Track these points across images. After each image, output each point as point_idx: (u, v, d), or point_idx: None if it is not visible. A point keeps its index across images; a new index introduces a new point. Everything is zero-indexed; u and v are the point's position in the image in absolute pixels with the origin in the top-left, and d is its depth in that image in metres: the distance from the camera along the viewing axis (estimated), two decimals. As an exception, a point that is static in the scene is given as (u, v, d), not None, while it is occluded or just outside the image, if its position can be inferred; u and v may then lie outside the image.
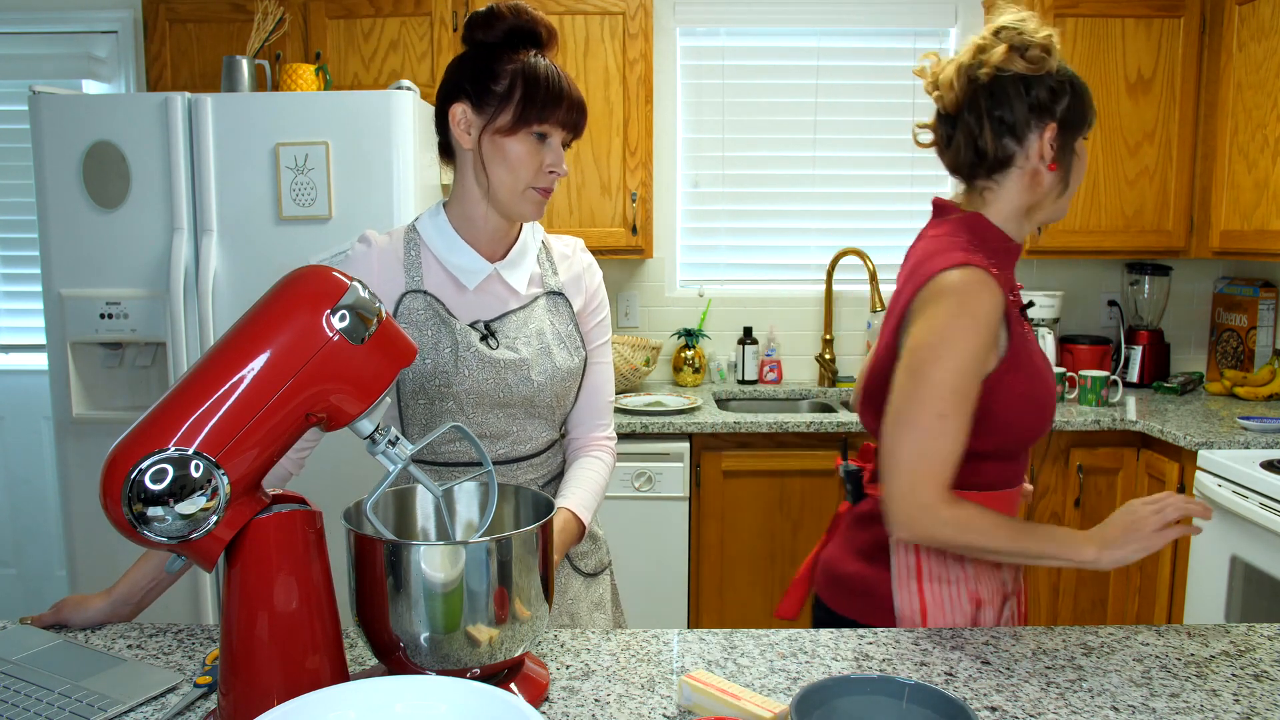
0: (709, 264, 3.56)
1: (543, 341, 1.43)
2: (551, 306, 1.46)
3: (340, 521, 1.04)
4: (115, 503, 0.88)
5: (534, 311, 1.44)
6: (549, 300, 1.46)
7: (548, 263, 1.49)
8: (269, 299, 0.96)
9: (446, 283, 1.41)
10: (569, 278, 1.50)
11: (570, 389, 1.48)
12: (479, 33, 1.37)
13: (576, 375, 1.47)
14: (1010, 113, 1.30)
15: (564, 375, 1.44)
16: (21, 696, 1.06)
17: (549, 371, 1.42)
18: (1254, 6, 2.85)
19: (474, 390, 1.38)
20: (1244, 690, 1.09)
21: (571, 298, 1.49)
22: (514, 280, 1.43)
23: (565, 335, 1.46)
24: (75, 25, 3.35)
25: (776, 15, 3.42)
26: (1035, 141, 1.30)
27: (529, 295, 1.45)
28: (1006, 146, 1.31)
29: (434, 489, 1.07)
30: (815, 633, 1.25)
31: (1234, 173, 2.94)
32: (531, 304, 1.45)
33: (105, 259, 2.60)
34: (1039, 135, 1.30)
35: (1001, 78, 1.29)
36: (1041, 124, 1.30)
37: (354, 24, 3.00)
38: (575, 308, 1.49)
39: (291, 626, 0.96)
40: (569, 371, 1.45)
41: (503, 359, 1.39)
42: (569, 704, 1.06)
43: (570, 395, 1.49)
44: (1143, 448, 2.89)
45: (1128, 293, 3.48)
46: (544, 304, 1.46)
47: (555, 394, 1.44)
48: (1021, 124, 1.30)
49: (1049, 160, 1.31)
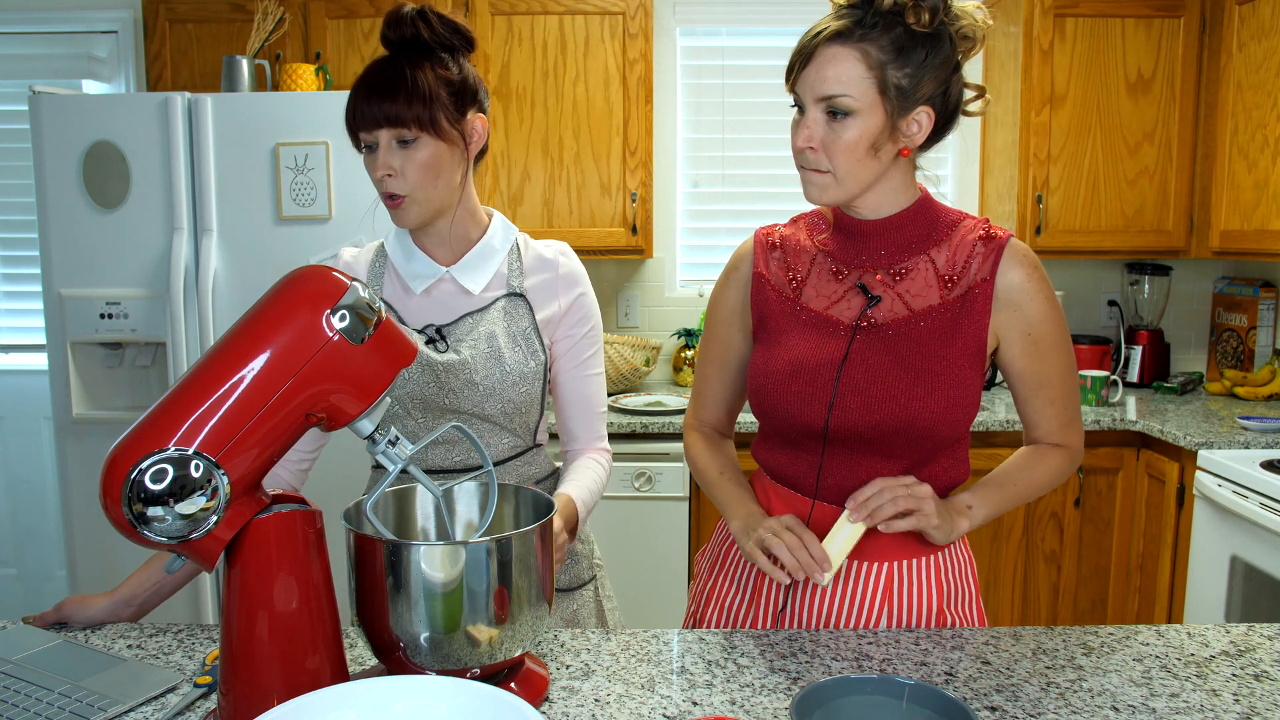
0: (709, 264, 3.56)
1: (492, 344, 1.40)
2: (509, 308, 1.43)
3: (340, 521, 1.04)
4: (115, 503, 0.88)
5: (488, 314, 1.42)
6: (508, 302, 1.43)
7: (517, 263, 1.46)
8: (269, 299, 0.96)
9: (400, 290, 1.43)
10: (537, 281, 1.46)
11: (529, 394, 1.43)
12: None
13: (531, 380, 1.43)
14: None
15: (515, 379, 1.40)
16: (21, 696, 1.05)
17: (496, 375, 1.39)
18: (1254, 6, 2.85)
19: (415, 395, 1.38)
20: (1244, 690, 1.09)
21: (535, 301, 1.45)
22: (469, 283, 1.42)
23: (520, 337, 1.42)
24: (75, 25, 3.34)
25: (776, 15, 3.41)
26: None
27: (486, 298, 1.43)
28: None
29: (434, 489, 1.07)
30: (815, 633, 1.24)
31: (1234, 173, 2.94)
32: (488, 306, 1.42)
33: (105, 259, 2.60)
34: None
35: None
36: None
37: (354, 24, 3.00)
38: (541, 313, 1.45)
39: (291, 626, 0.96)
40: (522, 375, 1.41)
41: (443, 362, 1.37)
42: (569, 704, 1.06)
43: (532, 401, 1.45)
44: (1143, 448, 2.89)
45: (1128, 293, 3.48)
46: (501, 305, 1.43)
47: (507, 398, 1.41)
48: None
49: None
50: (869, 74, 1.16)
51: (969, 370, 1.25)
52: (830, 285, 1.30)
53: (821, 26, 1.19)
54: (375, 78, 1.32)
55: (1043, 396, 1.31)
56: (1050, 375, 1.30)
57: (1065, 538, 2.96)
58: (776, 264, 1.35)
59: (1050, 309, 1.27)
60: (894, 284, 1.27)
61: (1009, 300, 1.26)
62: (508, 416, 1.42)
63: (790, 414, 1.28)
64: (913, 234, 1.28)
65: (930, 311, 1.25)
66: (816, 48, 1.18)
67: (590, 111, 3.09)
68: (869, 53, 1.16)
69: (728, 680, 1.11)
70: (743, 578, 1.38)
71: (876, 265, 1.28)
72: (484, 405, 1.40)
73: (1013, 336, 1.27)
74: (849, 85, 1.16)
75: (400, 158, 1.32)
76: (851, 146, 1.18)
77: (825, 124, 1.19)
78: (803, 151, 1.21)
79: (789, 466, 1.33)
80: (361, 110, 1.31)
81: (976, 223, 1.29)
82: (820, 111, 1.19)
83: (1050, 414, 1.32)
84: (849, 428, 1.25)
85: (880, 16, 1.16)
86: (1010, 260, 1.26)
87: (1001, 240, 1.27)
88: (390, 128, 1.31)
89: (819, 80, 1.18)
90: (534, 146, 3.11)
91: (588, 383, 1.49)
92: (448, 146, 1.34)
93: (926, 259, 1.27)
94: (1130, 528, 2.94)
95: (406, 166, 1.33)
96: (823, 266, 1.31)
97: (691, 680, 1.11)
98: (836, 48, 1.17)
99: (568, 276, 1.48)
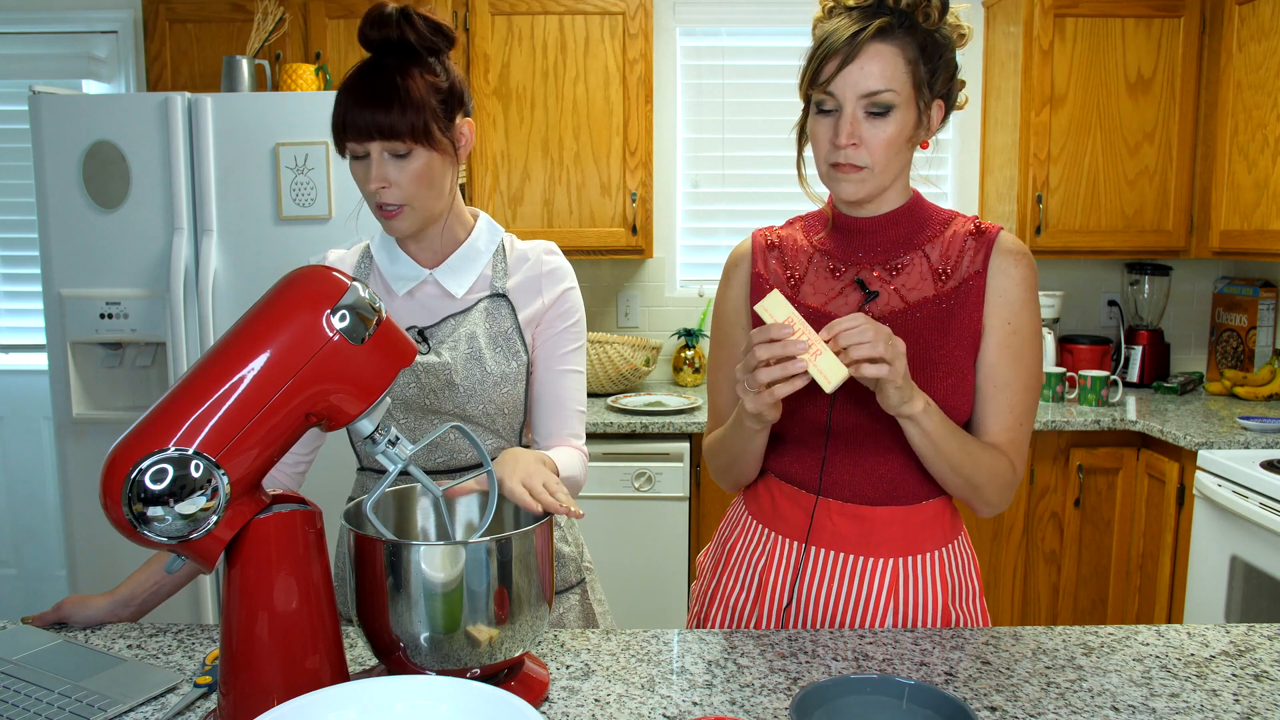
0: (709, 264, 3.56)
1: (473, 346, 1.38)
2: (491, 309, 1.42)
3: (340, 521, 1.04)
4: (115, 503, 0.88)
5: (470, 315, 1.41)
6: (490, 303, 1.42)
7: (501, 264, 1.45)
8: (269, 299, 0.96)
9: (383, 291, 1.42)
10: (520, 280, 1.44)
11: (509, 395, 1.42)
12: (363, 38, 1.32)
13: (513, 380, 1.41)
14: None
15: (496, 380, 1.39)
16: (21, 696, 1.05)
17: (476, 376, 1.38)
18: (1254, 6, 2.85)
19: (397, 396, 1.38)
20: (1244, 690, 1.09)
21: (517, 300, 1.43)
22: (451, 285, 1.42)
23: (502, 339, 1.41)
24: (75, 25, 3.34)
25: (776, 15, 3.41)
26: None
27: (469, 300, 1.42)
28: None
29: (434, 489, 1.07)
30: (815, 633, 1.25)
31: (1234, 173, 2.94)
32: (471, 308, 1.42)
33: (105, 259, 2.60)
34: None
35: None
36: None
37: (354, 24, 2.99)
38: (523, 314, 1.43)
39: (291, 626, 0.96)
40: (502, 376, 1.40)
41: (424, 364, 1.36)
42: (569, 704, 1.06)
43: (515, 403, 1.43)
44: (1143, 448, 2.89)
45: (1128, 293, 3.48)
46: (483, 307, 1.42)
47: (489, 399, 1.40)
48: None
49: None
50: (907, 69, 1.21)
51: (966, 361, 1.27)
52: (828, 282, 1.32)
53: (856, 26, 1.20)
54: (365, 86, 1.28)
55: (1004, 400, 1.28)
56: (1016, 380, 1.27)
57: (1065, 538, 2.96)
58: (775, 263, 1.37)
59: (1032, 302, 1.29)
60: (890, 279, 1.30)
61: (998, 289, 1.27)
62: (490, 418, 1.41)
63: (792, 411, 1.29)
64: (907, 230, 1.31)
65: (925, 304, 1.28)
66: (861, 46, 1.19)
67: (590, 111, 3.09)
68: (907, 48, 1.21)
69: (728, 680, 1.11)
70: (747, 576, 1.38)
71: (873, 262, 1.31)
72: (465, 406, 1.39)
73: (994, 324, 1.27)
74: (892, 80, 1.20)
75: (394, 169, 1.30)
76: (892, 140, 1.22)
77: (864, 121, 1.22)
78: (842, 149, 1.22)
79: (793, 464, 1.34)
80: (352, 120, 1.28)
81: (967, 219, 1.33)
82: (860, 109, 1.21)
83: (1005, 422, 1.28)
84: (851, 422, 1.27)
85: (905, 16, 1.21)
86: (1001, 251, 1.28)
87: (992, 234, 1.30)
88: (383, 140, 1.28)
89: (863, 77, 1.20)
90: (534, 146, 3.11)
91: (563, 378, 1.44)
92: (440, 155, 1.33)
93: (920, 254, 1.30)
94: (1130, 528, 2.94)
95: (400, 178, 1.30)
96: (820, 265, 1.34)
97: (691, 680, 1.11)
98: (879, 45, 1.20)
99: (552, 273, 1.45)
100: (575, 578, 1.54)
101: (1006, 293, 1.27)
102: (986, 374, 1.28)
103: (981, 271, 1.28)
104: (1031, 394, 1.29)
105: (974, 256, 1.28)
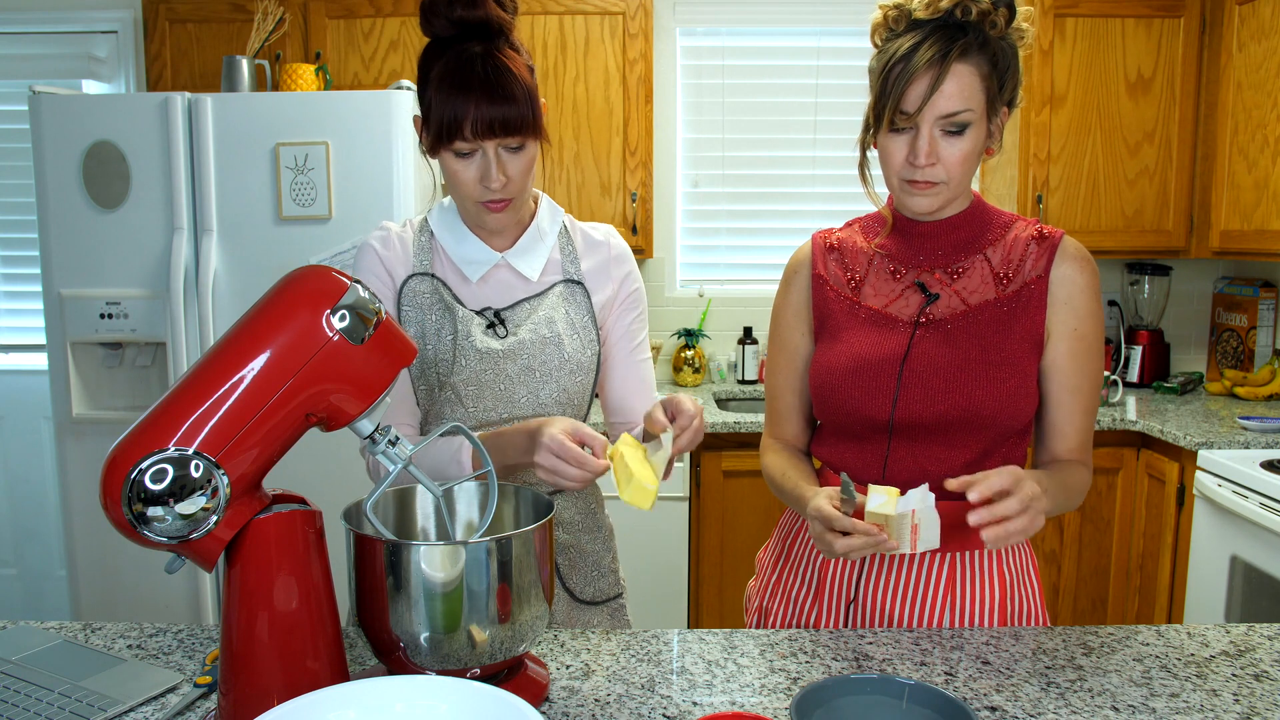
0: (709, 264, 3.56)
1: (553, 329, 1.35)
2: (568, 295, 1.39)
3: (340, 521, 1.04)
4: (115, 503, 0.88)
5: (546, 299, 1.37)
6: (565, 288, 1.39)
7: (570, 248, 1.41)
8: (269, 299, 0.96)
9: (454, 273, 1.37)
10: (592, 266, 1.41)
11: (582, 384, 1.39)
12: (424, 23, 1.23)
13: (587, 369, 1.39)
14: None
15: (573, 368, 1.36)
16: (21, 696, 1.06)
17: (555, 362, 1.35)
18: (1254, 6, 2.85)
19: (472, 382, 1.33)
20: (1244, 690, 1.09)
21: (592, 288, 1.41)
22: (524, 268, 1.37)
23: (579, 326, 1.38)
24: (75, 25, 3.34)
25: (776, 15, 3.41)
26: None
27: (544, 283, 1.38)
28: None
29: (434, 489, 1.07)
30: (815, 633, 1.25)
31: (1234, 173, 2.94)
32: (546, 291, 1.38)
33: (105, 259, 2.60)
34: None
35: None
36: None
37: (354, 24, 3.00)
38: (597, 299, 1.41)
39: (291, 626, 0.96)
40: (579, 364, 1.37)
41: (502, 349, 1.33)
42: (569, 704, 1.06)
43: (584, 392, 1.41)
44: (1143, 448, 2.89)
45: (1128, 292, 3.48)
46: (559, 291, 1.38)
47: (563, 388, 1.37)
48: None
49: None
50: (982, 86, 1.21)
51: (1028, 362, 1.28)
52: (888, 284, 1.34)
53: (935, 50, 1.18)
54: (474, 79, 1.18)
55: (1077, 403, 1.30)
56: (1086, 384, 1.30)
57: (1065, 538, 2.96)
58: (835, 264, 1.38)
59: (1098, 309, 1.30)
60: (951, 282, 1.31)
61: (1063, 296, 1.29)
62: (561, 407, 1.38)
63: (855, 408, 1.31)
64: (968, 234, 1.32)
65: (987, 306, 1.29)
66: (949, 69, 1.19)
67: (590, 111, 3.09)
68: (981, 65, 1.20)
69: (728, 680, 1.11)
70: (809, 572, 1.39)
71: (934, 265, 1.32)
72: (539, 392, 1.35)
73: (1062, 332, 1.29)
74: (970, 100, 1.20)
75: (511, 164, 1.24)
76: (968, 157, 1.23)
77: (940, 139, 1.22)
78: (921, 169, 1.23)
79: (854, 461, 1.35)
80: (467, 117, 1.18)
81: (1029, 223, 1.34)
82: (937, 128, 1.22)
83: (1079, 424, 1.31)
84: (913, 419, 1.28)
85: (977, 30, 1.20)
86: (1064, 257, 1.29)
87: (1055, 238, 1.30)
88: (504, 136, 1.20)
89: (945, 100, 1.20)
90: (534, 146, 3.11)
91: (643, 366, 1.46)
92: (540, 142, 1.28)
93: (982, 258, 1.31)
94: (1130, 528, 2.93)
95: (514, 171, 1.25)
96: (880, 266, 1.35)
97: (691, 680, 1.11)
98: (959, 65, 1.19)
99: (619, 256, 1.44)
100: (614, 590, 1.51)
101: (1072, 299, 1.28)
102: (1059, 381, 1.30)
103: (1044, 276, 1.29)
104: (1097, 397, 1.33)
105: (1036, 261, 1.29)
